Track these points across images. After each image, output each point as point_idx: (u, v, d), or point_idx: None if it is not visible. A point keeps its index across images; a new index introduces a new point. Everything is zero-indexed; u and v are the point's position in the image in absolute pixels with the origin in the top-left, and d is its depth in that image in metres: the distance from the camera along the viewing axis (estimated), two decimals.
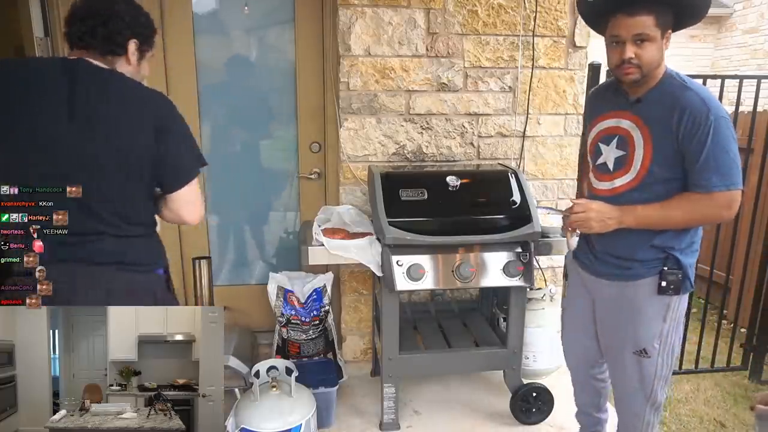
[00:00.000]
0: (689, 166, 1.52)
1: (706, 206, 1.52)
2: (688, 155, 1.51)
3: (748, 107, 3.07)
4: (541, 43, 2.68)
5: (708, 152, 1.48)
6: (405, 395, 2.56)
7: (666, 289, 1.62)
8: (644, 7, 1.49)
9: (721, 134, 1.48)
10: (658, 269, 1.62)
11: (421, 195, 2.20)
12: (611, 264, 1.70)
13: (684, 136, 1.50)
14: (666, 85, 1.57)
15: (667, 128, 1.52)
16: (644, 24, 1.50)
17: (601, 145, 1.71)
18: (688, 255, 1.65)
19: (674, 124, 1.51)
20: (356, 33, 2.54)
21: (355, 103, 2.61)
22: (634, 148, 1.60)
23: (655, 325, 1.67)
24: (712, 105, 1.50)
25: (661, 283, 1.61)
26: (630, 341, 1.70)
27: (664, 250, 1.62)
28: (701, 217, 1.56)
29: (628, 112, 1.62)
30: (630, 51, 1.52)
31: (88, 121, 1.34)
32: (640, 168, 1.59)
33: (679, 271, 1.61)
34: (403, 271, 2.10)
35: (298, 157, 2.86)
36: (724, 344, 3.30)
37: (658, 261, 1.63)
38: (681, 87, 1.55)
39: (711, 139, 1.47)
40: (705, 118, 1.47)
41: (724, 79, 2.80)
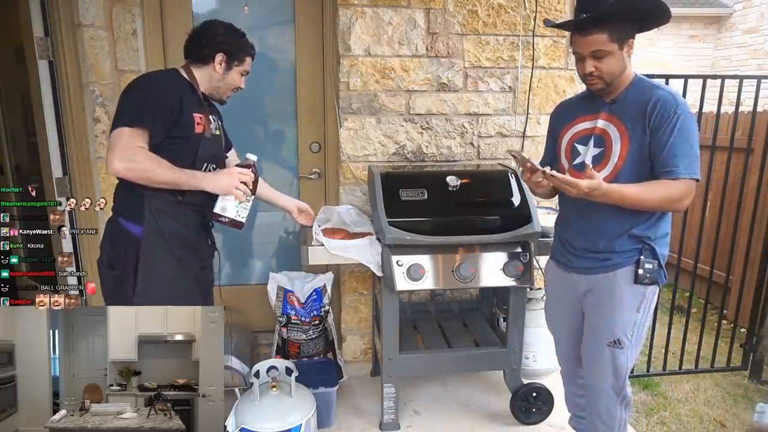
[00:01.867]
0: (655, 153, 1.60)
1: (671, 190, 1.58)
2: (656, 143, 1.59)
3: (748, 107, 3.06)
4: (541, 43, 2.69)
5: (674, 141, 1.56)
6: (405, 395, 2.56)
7: (643, 278, 1.66)
8: (596, 27, 1.58)
9: (687, 128, 1.57)
10: (635, 258, 1.68)
11: (421, 195, 2.20)
12: (589, 258, 1.75)
13: (654, 126, 1.59)
14: (638, 85, 1.67)
15: (640, 121, 1.61)
16: (598, 41, 1.58)
17: (578, 146, 1.76)
18: (663, 246, 1.71)
19: (647, 116, 1.60)
20: (356, 33, 2.54)
21: (355, 103, 2.61)
22: (611, 144, 1.67)
23: (629, 315, 1.71)
24: (680, 101, 1.60)
25: (638, 271, 1.66)
26: (606, 332, 1.74)
27: (641, 239, 1.68)
28: (667, 200, 1.60)
29: (603, 113, 1.70)
30: (589, 66, 1.62)
31: None
32: (617, 161, 1.66)
33: (655, 260, 1.67)
34: (403, 271, 2.10)
35: (298, 157, 2.86)
36: (724, 344, 3.30)
37: (635, 251, 1.68)
38: (651, 86, 1.66)
39: (677, 130, 1.56)
40: (673, 111, 1.57)
41: (724, 79, 2.80)
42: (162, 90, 1.72)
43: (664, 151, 1.58)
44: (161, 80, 1.79)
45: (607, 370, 1.76)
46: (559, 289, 1.91)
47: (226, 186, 1.74)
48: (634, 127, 1.63)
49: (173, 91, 1.74)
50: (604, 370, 1.76)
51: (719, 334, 3.19)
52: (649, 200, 1.60)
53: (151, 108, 1.67)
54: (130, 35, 2.47)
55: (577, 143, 1.77)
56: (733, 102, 2.86)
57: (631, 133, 1.64)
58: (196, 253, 1.87)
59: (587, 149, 1.73)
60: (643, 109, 1.61)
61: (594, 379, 1.82)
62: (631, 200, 1.59)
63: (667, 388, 3.08)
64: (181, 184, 1.71)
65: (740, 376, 3.21)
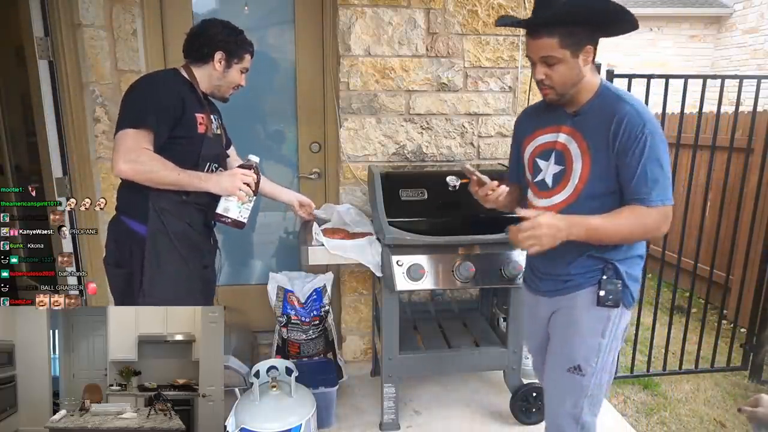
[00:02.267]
0: (625, 179, 1.46)
1: (648, 219, 1.45)
2: (624, 168, 1.45)
3: (748, 107, 3.07)
4: None
5: (644, 165, 1.42)
6: (405, 395, 2.56)
7: (605, 299, 1.53)
8: (545, 30, 1.43)
9: (657, 148, 1.43)
10: (596, 279, 1.54)
11: (421, 195, 2.20)
12: (552, 280, 1.63)
13: (620, 149, 1.44)
14: (602, 97, 1.51)
15: (604, 140, 1.46)
16: (547, 46, 1.44)
17: (539, 161, 1.63)
18: (630, 264, 1.57)
19: (610, 136, 1.45)
20: (356, 33, 2.54)
21: (355, 103, 2.61)
22: (571, 162, 1.53)
23: (591, 340, 1.56)
24: (647, 118, 1.44)
25: (600, 292, 1.53)
26: (565, 357, 1.61)
27: (603, 259, 1.54)
28: (644, 230, 1.47)
29: (565, 126, 1.55)
30: (539, 72, 1.48)
31: None
32: (577, 182, 1.52)
33: (619, 281, 1.53)
34: (403, 271, 2.10)
35: (298, 157, 2.86)
36: (724, 344, 3.30)
37: (597, 270, 1.55)
38: (616, 99, 1.49)
39: (647, 153, 1.42)
40: (640, 131, 1.42)
41: (724, 79, 2.80)
42: (164, 91, 1.73)
43: (635, 178, 1.43)
44: (163, 81, 1.79)
45: (565, 395, 1.63)
46: (529, 310, 1.82)
47: (230, 187, 1.76)
48: (596, 146, 1.48)
49: (175, 91, 1.75)
50: (563, 396, 1.64)
51: (719, 334, 3.19)
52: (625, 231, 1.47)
53: (155, 109, 1.68)
54: (130, 35, 2.47)
55: (538, 158, 1.63)
56: (733, 102, 2.86)
57: (593, 152, 1.49)
58: (199, 252, 1.89)
59: (548, 165, 1.59)
60: (607, 127, 1.45)
61: (551, 404, 1.71)
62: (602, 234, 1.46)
63: (667, 388, 3.08)
64: (185, 186, 1.73)
65: (740, 376, 3.21)
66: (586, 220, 1.45)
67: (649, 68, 4.91)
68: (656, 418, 2.77)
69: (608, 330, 1.56)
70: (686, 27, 9.39)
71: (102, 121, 2.51)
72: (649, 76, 2.68)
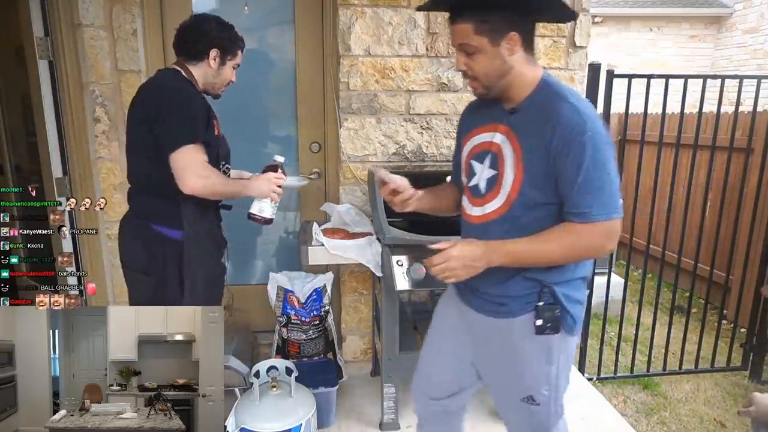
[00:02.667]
0: (565, 190, 1.28)
1: (586, 238, 1.28)
2: (563, 177, 1.27)
3: (748, 107, 3.07)
4: (541, 43, 2.68)
5: (585, 174, 1.24)
6: (405, 395, 2.55)
7: (543, 329, 1.37)
8: (459, 15, 1.29)
9: (600, 154, 1.24)
10: (533, 305, 1.38)
11: None
12: (487, 300, 1.46)
13: (557, 154, 1.26)
14: (541, 94, 1.33)
15: (540, 143, 1.29)
16: (463, 33, 1.30)
17: (474, 163, 1.45)
18: (570, 287, 1.40)
19: (547, 139, 1.27)
20: (356, 33, 2.54)
21: (355, 103, 2.61)
22: (504, 167, 1.36)
23: (539, 370, 1.43)
24: (589, 119, 1.25)
25: (536, 321, 1.37)
26: (515, 387, 1.48)
27: (539, 282, 1.37)
28: (582, 250, 1.31)
29: (502, 125, 1.38)
30: (460, 62, 1.34)
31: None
32: (510, 190, 1.35)
33: (557, 306, 1.37)
34: (403, 271, 2.10)
35: (298, 157, 2.86)
36: (724, 344, 3.30)
37: (533, 294, 1.38)
38: (557, 97, 1.30)
39: (589, 160, 1.23)
40: (580, 133, 1.23)
41: (724, 79, 2.80)
42: (196, 101, 1.77)
43: (574, 189, 1.25)
44: (188, 91, 1.79)
45: (525, 426, 1.52)
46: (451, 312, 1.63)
47: (267, 191, 1.85)
48: (530, 151, 1.31)
49: (200, 98, 1.81)
50: (522, 427, 1.54)
51: (719, 334, 3.19)
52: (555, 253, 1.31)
53: (198, 121, 1.73)
54: (130, 35, 2.47)
55: (473, 160, 1.46)
56: (733, 102, 2.86)
57: (527, 157, 1.31)
58: (220, 247, 1.99)
59: (483, 169, 1.42)
60: (543, 128, 1.27)
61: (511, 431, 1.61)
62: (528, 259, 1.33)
63: (667, 388, 3.08)
64: (236, 195, 1.83)
65: (740, 376, 3.21)
66: (504, 245, 1.33)
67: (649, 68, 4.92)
68: (656, 418, 2.77)
69: (553, 356, 1.42)
70: (686, 27, 9.39)
71: (102, 121, 2.51)
72: (649, 76, 2.68)
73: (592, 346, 3.19)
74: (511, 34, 1.28)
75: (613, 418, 2.48)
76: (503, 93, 1.36)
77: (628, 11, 9.11)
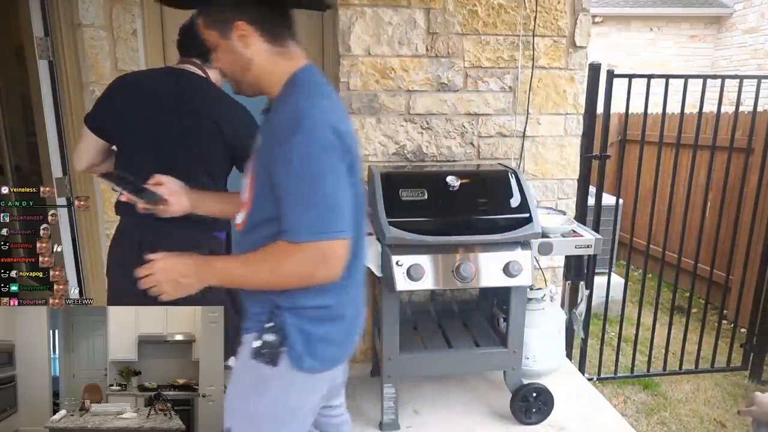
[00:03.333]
0: (279, 203, 1.13)
1: (294, 261, 1.12)
2: (275, 188, 1.13)
3: (748, 107, 3.07)
4: (541, 43, 2.68)
5: (293, 186, 1.10)
6: (405, 395, 2.55)
7: (257, 352, 1.20)
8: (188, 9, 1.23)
9: (310, 161, 1.09)
10: (261, 324, 1.23)
11: (421, 195, 2.20)
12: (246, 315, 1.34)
13: (273, 161, 1.13)
14: (282, 94, 1.21)
15: (265, 146, 1.18)
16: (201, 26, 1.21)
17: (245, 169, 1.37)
18: (305, 317, 1.21)
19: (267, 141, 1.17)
20: (356, 33, 2.54)
21: (355, 103, 2.61)
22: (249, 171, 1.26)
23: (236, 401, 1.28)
24: (305, 119, 1.10)
25: (254, 342, 1.21)
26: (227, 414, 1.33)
27: (271, 301, 1.22)
28: (290, 274, 1.14)
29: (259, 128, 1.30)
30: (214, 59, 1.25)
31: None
32: (247, 200, 1.25)
33: (280, 333, 1.19)
34: (403, 271, 2.10)
35: None
36: (724, 344, 3.31)
37: (264, 314, 1.23)
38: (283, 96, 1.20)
39: (294, 169, 1.09)
40: (286, 138, 1.09)
41: (724, 79, 2.80)
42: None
43: (284, 203, 1.12)
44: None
45: None
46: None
47: None
48: (260, 155, 1.19)
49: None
50: None
51: (719, 334, 3.19)
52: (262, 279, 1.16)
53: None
54: (130, 35, 2.47)
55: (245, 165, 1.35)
56: (733, 102, 2.86)
57: (258, 162, 1.19)
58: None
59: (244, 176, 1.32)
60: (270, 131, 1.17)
61: None
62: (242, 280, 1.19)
63: (667, 388, 3.08)
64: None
65: (740, 376, 3.21)
66: (215, 262, 1.24)
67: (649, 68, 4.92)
68: (656, 418, 2.77)
69: (262, 393, 1.23)
70: (686, 27, 9.40)
71: None
72: (649, 76, 2.68)
73: (593, 346, 3.19)
74: (238, 24, 1.16)
75: (614, 418, 2.48)
76: (259, 90, 1.26)
77: (628, 11, 9.12)
